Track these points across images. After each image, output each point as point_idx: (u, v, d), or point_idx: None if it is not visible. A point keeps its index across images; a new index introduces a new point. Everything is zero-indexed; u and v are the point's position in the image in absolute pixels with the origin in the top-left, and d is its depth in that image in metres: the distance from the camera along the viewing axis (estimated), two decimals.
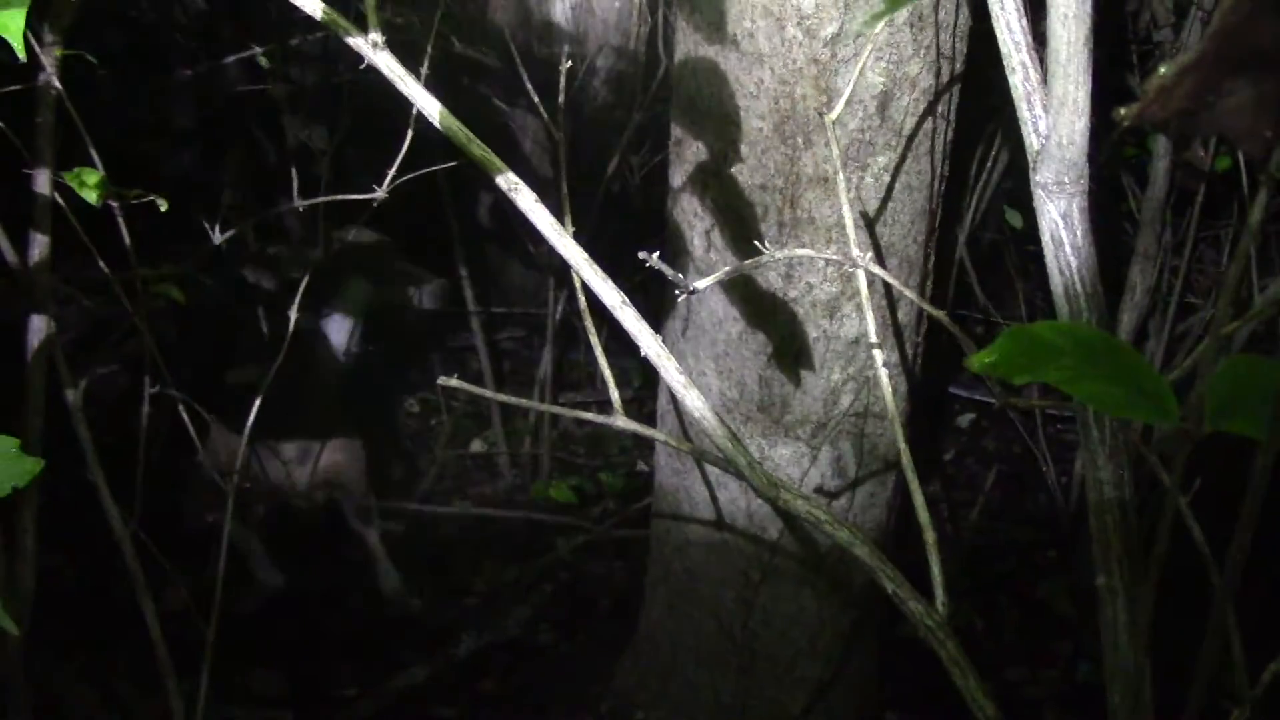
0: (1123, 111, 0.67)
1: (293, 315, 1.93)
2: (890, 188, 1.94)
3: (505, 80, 2.86)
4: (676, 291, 1.13)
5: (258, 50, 2.72)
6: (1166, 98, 0.62)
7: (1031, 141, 1.02)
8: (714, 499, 2.27)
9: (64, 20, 1.56)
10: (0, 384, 1.69)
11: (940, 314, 1.01)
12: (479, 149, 1.13)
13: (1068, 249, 0.99)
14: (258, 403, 1.98)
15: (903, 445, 1.22)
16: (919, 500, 1.17)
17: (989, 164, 2.86)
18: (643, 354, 1.13)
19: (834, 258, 1.33)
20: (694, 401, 1.15)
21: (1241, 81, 0.62)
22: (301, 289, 2.00)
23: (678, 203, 2.14)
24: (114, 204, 1.65)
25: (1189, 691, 1.01)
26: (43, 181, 1.53)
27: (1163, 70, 0.62)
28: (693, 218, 2.09)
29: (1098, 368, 0.63)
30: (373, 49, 1.12)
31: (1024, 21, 1.01)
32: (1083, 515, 3.00)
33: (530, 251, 3.39)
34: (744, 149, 1.95)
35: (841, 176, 1.53)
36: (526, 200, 1.13)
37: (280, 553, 3.05)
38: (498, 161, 1.12)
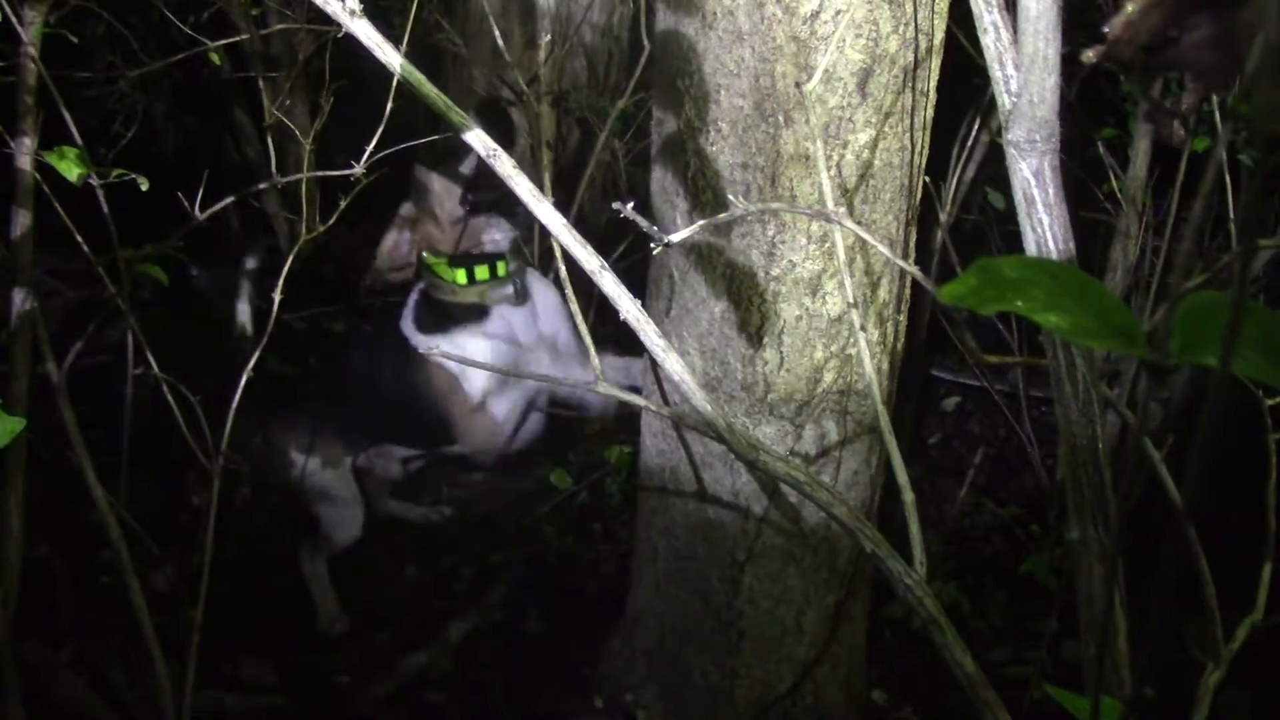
0: (1089, 53, 0.68)
1: (276, 297, 1.93)
2: (870, 165, 1.95)
3: (486, 63, 2.86)
4: (651, 245, 1.14)
5: (240, 38, 2.72)
6: (1131, 34, 0.63)
7: (1004, 101, 1.03)
8: (699, 479, 2.27)
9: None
10: None
11: (914, 269, 1.02)
12: (457, 115, 1.13)
13: (1039, 206, 1.00)
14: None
15: (880, 408, 1.23)
16: (897, 459, 1.18)
17: (970, 144, 2.87)
18: (621, 318, 1.14)
19: (811, 212, 1.33)
20: (672, 364, 1.16)
21: (1204, 17, 0.63)
22: (284, 273, 2.00)
23: (660, 183, 2.15)
24: (96, 184, 1.65)
25: (1165, 645, 1.02)
26: (24, 159, 1.54)
27: (1129, 7, 0.63)
28: (675, 197, 2.10)
29: (1066, 299, 0.64)
30: (350, 17, 1.13)
31: None
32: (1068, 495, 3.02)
33: None
34: (725, 127, 1.95)
35: (821, 152, 1.54)
36: (505, 166, 1.13)
37: (273, 540, 3.05)
38: (475, 127, 1.12)
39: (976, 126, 2.84)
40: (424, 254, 2.88)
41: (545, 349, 3.02)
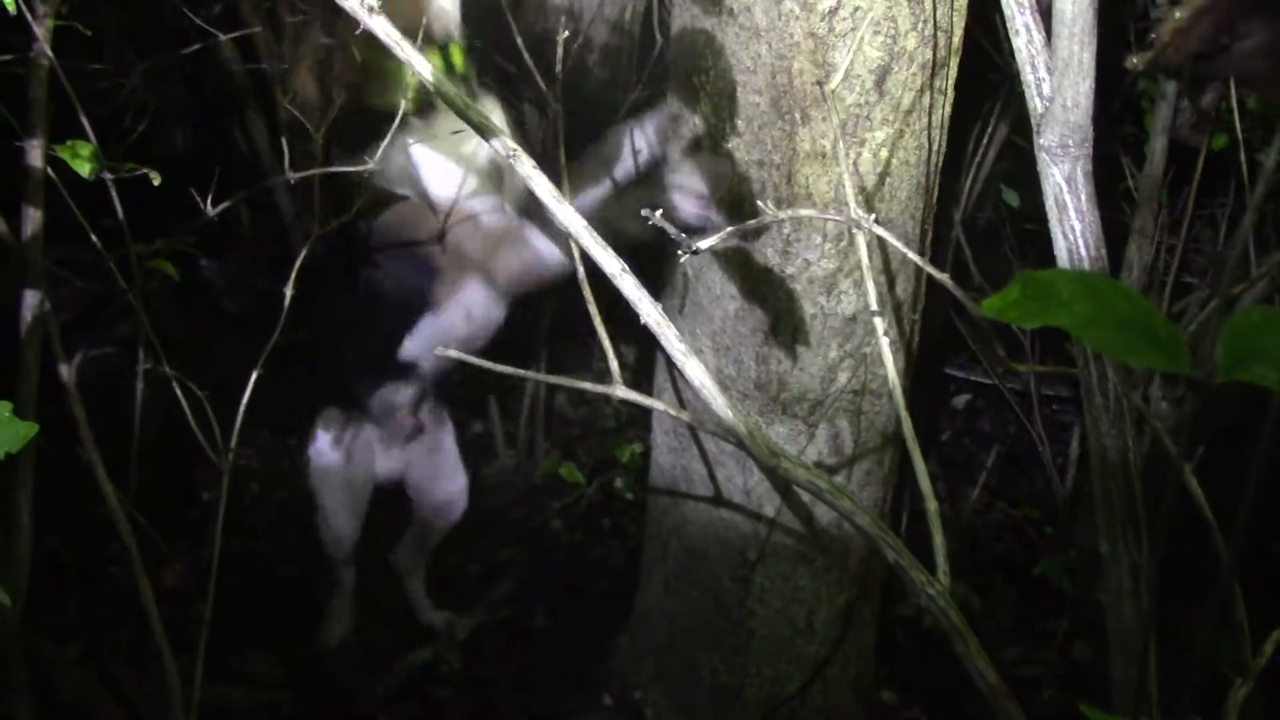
0: (1135, 60, 0.66)
1: (288, 292, 1.92)
2: (888, 163, 1.93)
3: (500, 56, 2.85)
4: (679, 252, 1.12)
5: (251, 30, 2.71)
6: (1181, 41, 0.61)
7: (1035, 104, 1.01)
8: (711, 477, 2.26)
9: None
10: None
11: (943, 276, 1.01)
12: (476, 114, 1.11)
13: (1071, 213, 0.98)
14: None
15: (903, 414, 1.22)
16: (920, 468, 1.17)
17: (985, 142, 2.85)
18: (641, 321, 1.12)
19: (837, 218, 1.31)
20: (694, 370, 1.15)
21: (1257, 24, 0.61)
22: (297, 265, 1.98)
23: (675, 179, 2.13)
24: (108, 178, 1.64)
25: (1192, 659, 1.01)
26: (35, 155, 1.52)
27: (1178, 14, 0.61)
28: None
29: (1109, 314, 0.63)
30: (368, 14, 1.11)
31: None
32: (1080, 495, 3.01)
33: None
34: (741, 124, 1.94)
35: (841, 149, 1.52)
36: (525, 166, 1.12)
37: (280, 534, 3.04)
38: (495, 126, 1.11)
39: (992, 124, 2.82)
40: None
41: None
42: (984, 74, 2.62)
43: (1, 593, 0.88)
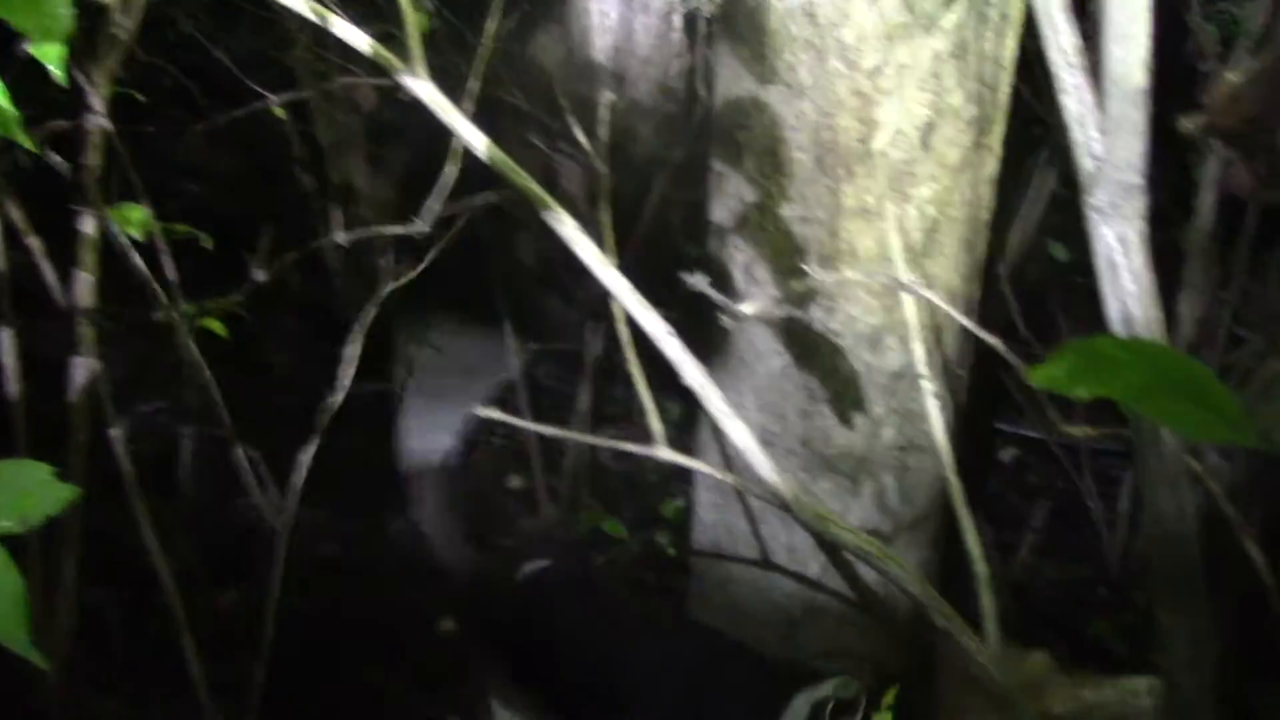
0: (1188, 122, 0.65)
1: (349, 350, 1.91)
2: (934, 220, 1.92)
3: (545, 119, 2.88)
4: (723, 316, 1.12)
5: (302, 95, 2.75)
6: (1236, 107, 0.60)
7: (1085, 164, 1.00)
8: (756, 535, 2.24)
9: (110, 62, 1.58)
10: (44, 420, 1.70)
11: (993, 339, 0.99)
12: (522, 179, 1.12)
13: (1125, 274, 0.97)
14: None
15: (952, 477, 1.20)
16: (970, 533, 1.15)
17: (1031, 196, 2.83)
18: (684, 383, 1.12)
19: (883, 279, 1.30)
20: (738, 433, 1.14)
21: None
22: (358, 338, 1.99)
23: (718, 237, 2.13)
24: (162, 248, 1.66)
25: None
26: (88, 221, 1.54)
27: (1229, 75, 0.60)
28: (733, 251, 2.08)
29: (1165, 383, 0.61)
30: (415, 80, 1.12)
31: (1077, 42, 0.99)
32: (1131, 551, 2.95)
33: (569, 287, 3.38)
34: (784, 181, 1.94)
35: (889, 209, 1.51)
36: (569, 230, 1.12)
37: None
38: (541, 192, 1.11)
39: (1038, 178, 2.81)
40: None
41: None
42: (1028, 128, 2.61)
43: (37, 655, 0.87)
